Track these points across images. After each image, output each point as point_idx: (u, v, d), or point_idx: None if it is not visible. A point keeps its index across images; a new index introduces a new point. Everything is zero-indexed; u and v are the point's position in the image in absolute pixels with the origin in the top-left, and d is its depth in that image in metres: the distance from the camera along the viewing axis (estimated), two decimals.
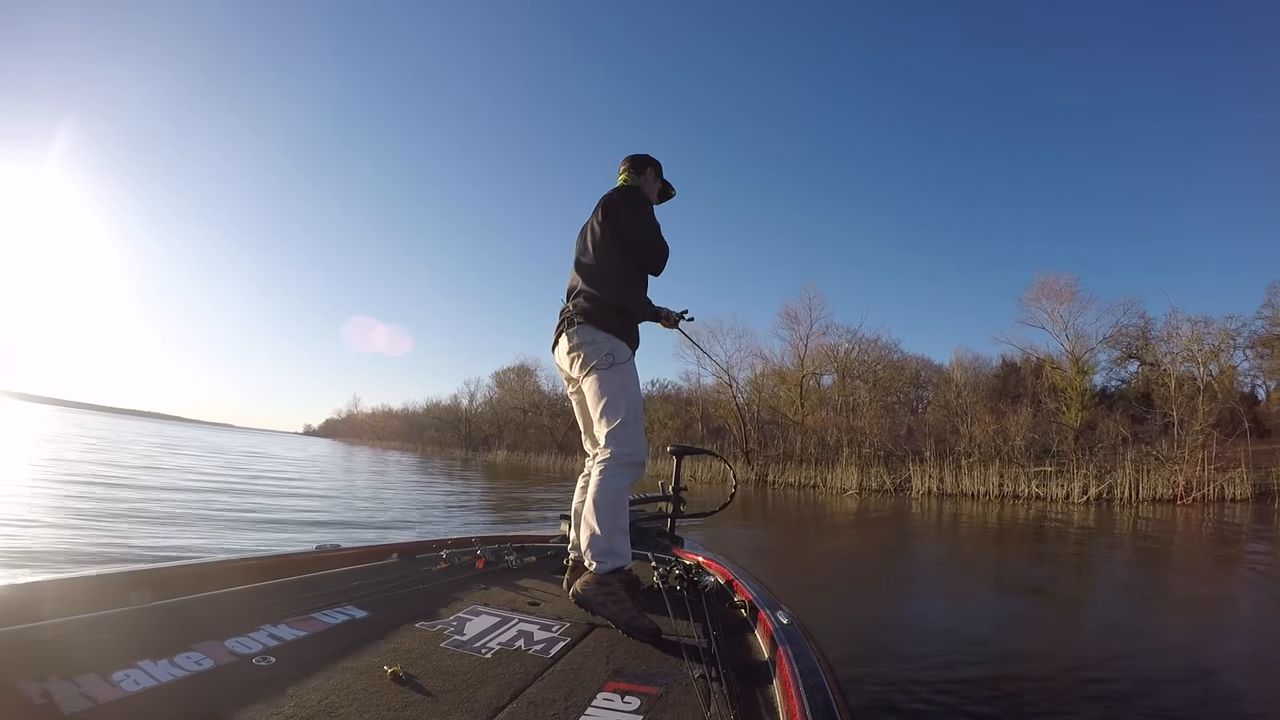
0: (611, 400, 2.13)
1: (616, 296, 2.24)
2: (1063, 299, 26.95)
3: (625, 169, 2.55)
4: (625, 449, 2.09)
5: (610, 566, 1.94)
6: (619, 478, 2.07)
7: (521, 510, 11.89)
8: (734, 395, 31.97)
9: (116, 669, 1.26)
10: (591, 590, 1.88)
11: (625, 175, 2.54)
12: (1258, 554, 9.16)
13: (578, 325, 2.19)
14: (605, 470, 2.07)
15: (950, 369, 31.47)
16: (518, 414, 48.11)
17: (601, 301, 2.21)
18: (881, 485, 22.62)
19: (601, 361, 2.15)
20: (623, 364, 2.18)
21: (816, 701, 1.22)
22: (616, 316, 2.22)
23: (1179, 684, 3.40)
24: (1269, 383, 26.81)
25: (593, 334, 2.17)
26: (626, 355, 2.20)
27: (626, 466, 2.09)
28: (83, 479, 9.85)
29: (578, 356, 2.19)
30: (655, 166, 2.58)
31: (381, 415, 79.67)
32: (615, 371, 2.16)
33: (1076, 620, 5.12)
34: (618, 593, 1.88)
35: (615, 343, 2.19)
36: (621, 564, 1.97)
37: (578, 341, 2.18)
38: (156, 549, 5.29)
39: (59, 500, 7.30)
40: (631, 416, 2.12)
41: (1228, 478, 17.28)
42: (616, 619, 1.84)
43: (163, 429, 54.53)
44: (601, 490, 2.03)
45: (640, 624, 1.83)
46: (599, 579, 1.91)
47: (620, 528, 2.02)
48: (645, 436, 2.20)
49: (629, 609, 1.85)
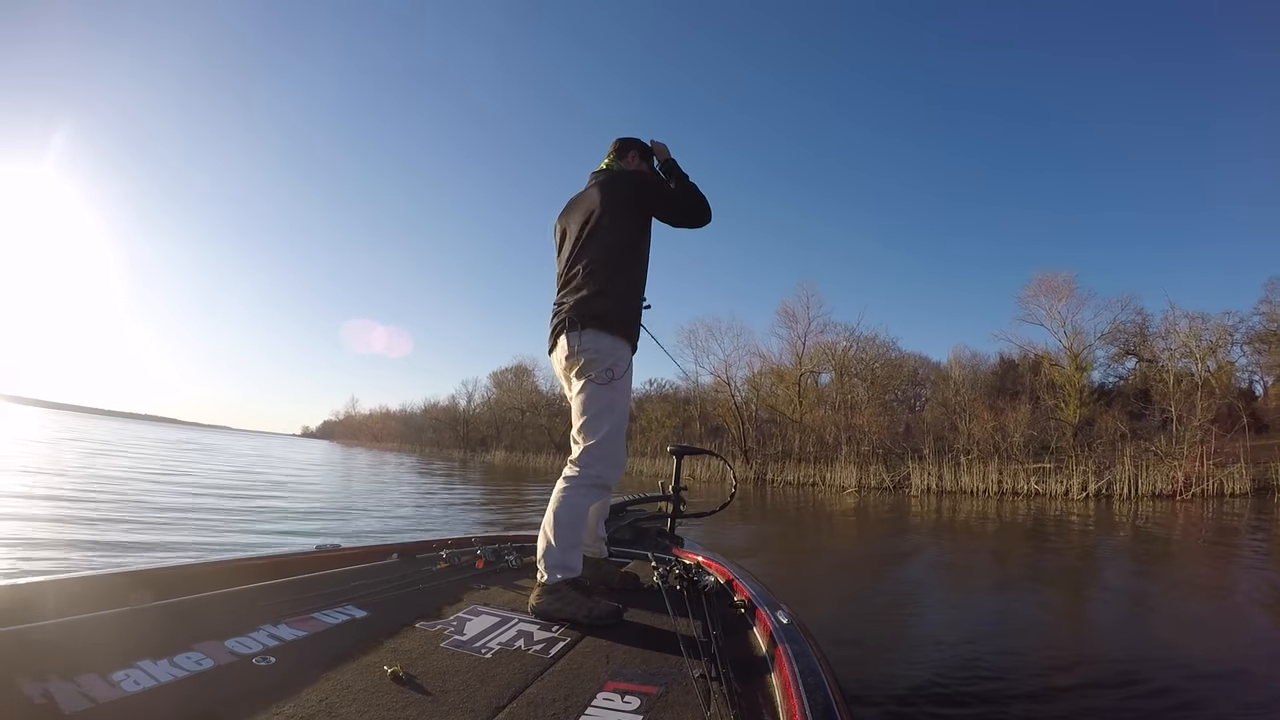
0: (594, 417, 2.06)
1: (628, 291, 2.16)
2: (1061, 296, 27.10)
3: (611, 152, 2.44)
4: (595, 470, 2.05)
5: (559, 579, 1.94)
6: (581, 496, 2.04)
7: (520, 509, 11.88)
8: (732, 394, 32.02)
9: (117, 669, 1.26)
10: (545, 601, 1.90)
11: (609, 160, 2.42)
12: (1257, 547, 9.19)
13: (582, 330, 2.07)
14: (569, 488, 2.03)
15: (948, 366, 31.57)
16: (515, 414, 48.16)
17: (610, 298, 2.10)
18: (880, 483, 22.65)
19: (600, 376, 2.07)
20: (619, 380, 2.09)
21: (816, 701, 1.22)
22: (625, 315, 2.14)
23: (1176, 681, 3.39)
24: (1267, 378, 26.94)
25: (596, 340, 2.07)
26: (626, 366, 2.12)
27: (592, 488, 2.06)
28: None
29: (576, 362, 2.09)
30: (640, 148, 2.44)
31: (379, 416, 79.82)
32: (609, 389, 2.08)
33: (1077, 617, 5.12)
34: (567, 594, 1.91)
35: (620, 351, 2.10)
36: (573, 576, 1.97)
37: (579, 347, 2.08)
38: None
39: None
40: (610, 437, 2.06)
41: (1227, 473, 17.31)
42: (575, 619, 1.86)
43: (163, 433, 54.38)
44: (562, 507, 2.01)
45: (600, 611, 1.87)
46: (549, 589, 1.92)
47: (575, 543, 2.00)
48: (623, 454, 2.13)
49: (582, 604, 1.89)
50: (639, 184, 2.23)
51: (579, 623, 1.85)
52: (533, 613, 1.91)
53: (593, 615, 1.86)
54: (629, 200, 2.19)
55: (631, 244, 2.20)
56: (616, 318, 2.12)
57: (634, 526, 3.21)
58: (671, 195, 2.23)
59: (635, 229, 2.20)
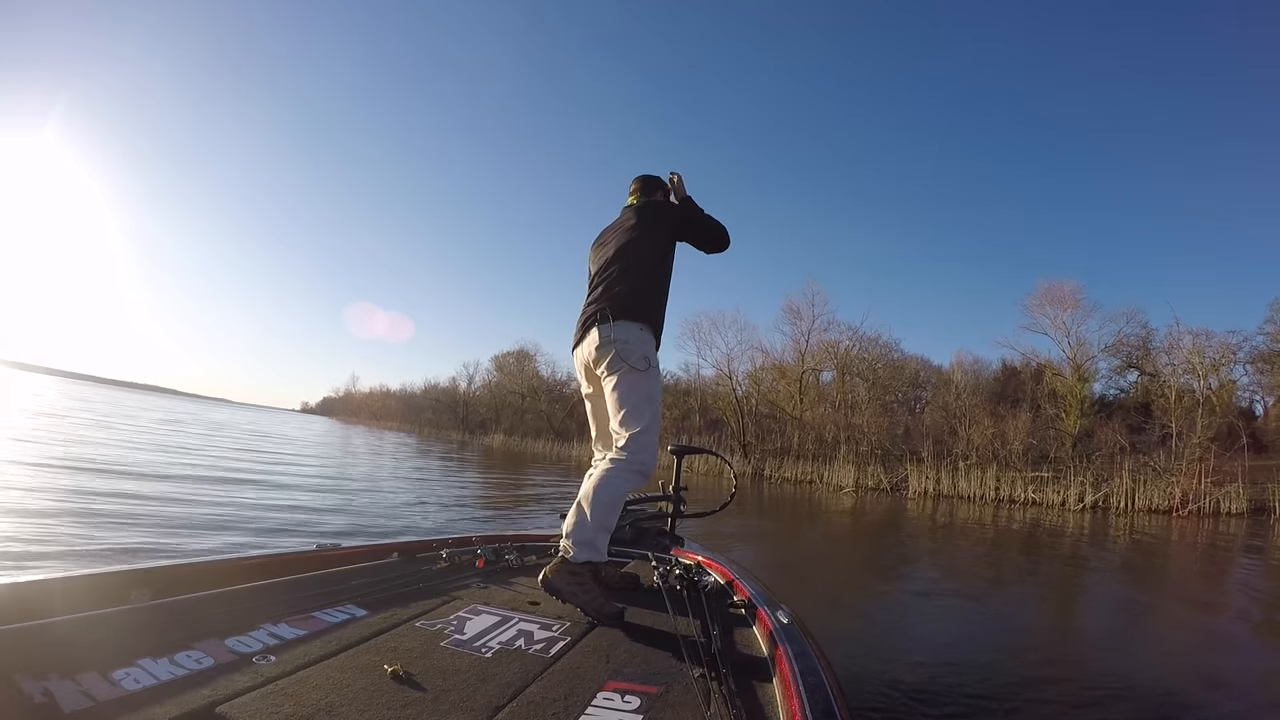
0: (637, 405, 2.11)
1: (655, 293, 2.25)
2: (1066, 305, 26.99)
3: (636, 189, 2.61)
4: (640, 456, 2.09)
5: (585, 559, 1.95)
6: (625, 481, 2.07)
7: (521, 505, 11.92)
8: (733, 387, 32.02)
9: (117, 667, 1.26)
10: (562, 578, 1.91)
11: (635, 196, 2.60)
12: (1252, 567, 9.21)
13: (614, 321, 2.14)
14: (614, 470, 2.07)
15: (950, 370, 31.53)
16: (516, 398, 48.25)
17: (643, 293, 2.20)
18: (878, 484, 22.68)
19: (637, 363, 2.12)
20: (654, 368, 2.16)
21: (816, 700, 1.22)
22: (653, 313, 2.23)
23: (1164, 692, 3.44)
24: (1268, 398, 26.82)
25: (627, 330, 2.14)
26: (655, 355, 2.19)
27: (636, 474, 2.09)
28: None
29: (608, 353, 2.13)
30: (665, 190, 2.61)
31: (379, 395, 80.00)
32: (647, 376, 2.13)
33: (1070, 624, 5.16)
34: (587, 583, 1.91)
35: (650, 344, 2.18)
36: (597, 560, 1.98)
37: (612, 337, 2.13)
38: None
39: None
40: (653, 425, 2.12)
41: (1224, 492, 17.28)
42: (586, 606, 1.87)
43: (164, 403, 54.58)
44: (604, 486, 2.03)
45: (607, 610, 1.88)
46: (571, 567, 1.93)
47: (607, 527, 2.03)
48: (657, 446, 2.18)
49: (597, 597, 1.90)
50: (684, 217, 2.43)
51: (584, 611, 1.86)
52: (542, 583, 1.92)
53: (600, 612, 1.87)
54: (669, 228, 2.38)
55: (660, 257, 2.32)
56: (645, 313, 2.20)
57: (634, 526, 3.21)
58: (706, 225, 2.44)
59: (664, 248, 2.35)
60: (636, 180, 2.63)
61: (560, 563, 1.95)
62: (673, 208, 2.48)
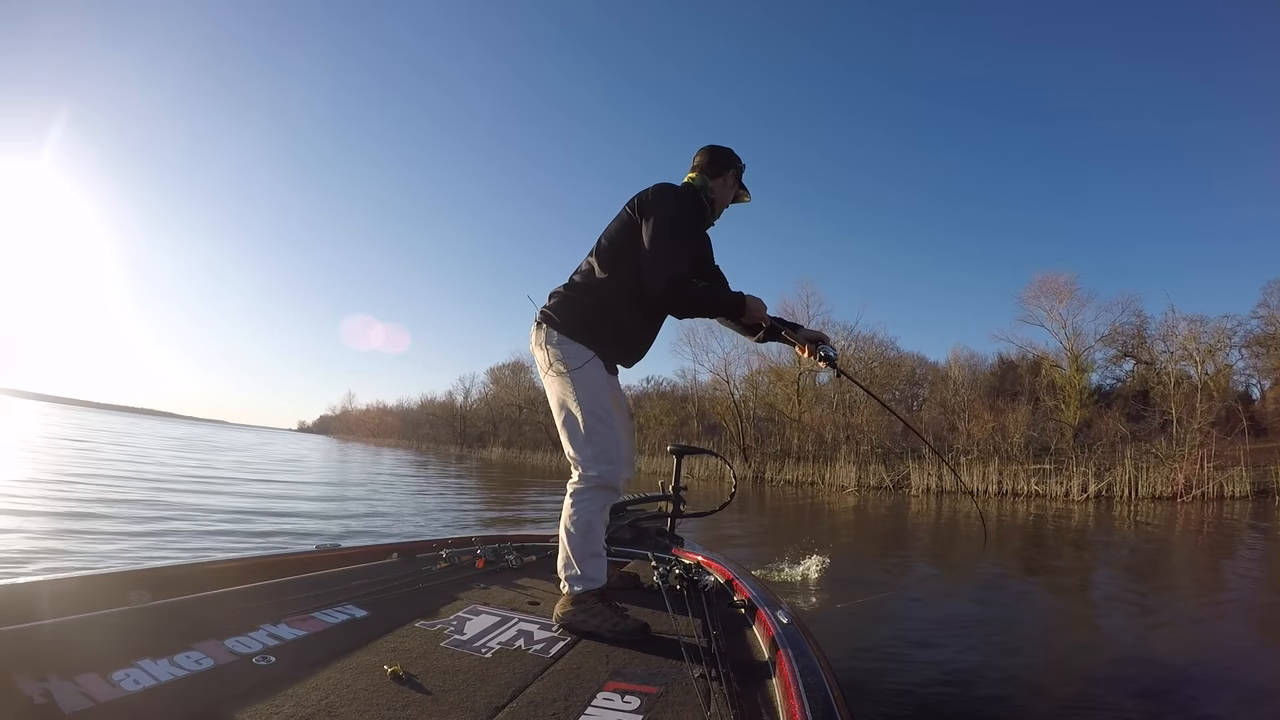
0: (568, 414, 1.95)
1: (604, 294, 2.00)
2: (1062, 297, 27.18)
3: (698, 163, 2.19)
4: (593, 471, 1.93)
5: (583, 589, 1.89)
6: (591, 502, 1.93)
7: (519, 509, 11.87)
8: (730, 392, 32.03)
9: (116, 668, 1.26)
10: (570, 615, 1.85)
11: (695, 174, 2.18)
12: (1257, 550, 9.22)
13: (537, 325, 2.03)
14: (573, 499, 1.94)
15: (947, 366, 31.59)
16: (513, 411, 48.19)
17: (577, 299, 2.01)
18: (880, 482, 22.68)
19: (554, 367, 1.97)
20: (578, 371, 1.94)
21: (816, 701, 1.22)
22: (590, 315, 1.98)
23: (1170, 682, 3.42)
24: (1263, 381, 26.96)
25: (547, 336, 1.99)
26: (581, 361, 1.95)
27: (598, 490, 1.94)
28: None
29: (536, 355, 2.03)
30: (738, 170, 2.22)
31: (376, 412, 79.86)
32: (567, 380, 1.94)
33: (1074, 618, 5.12)
34: (594, 606, 1.85)
35: (572, 346, 1.96)
36: (594, 587, 1.90)
37: (533, 343, 2.04)
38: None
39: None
40: (596, 428, 1.93)
41: (1227, 476, 17.32)
42: (601, 632, 1.80)
43: (163, 428, 54.40)
44: (573, 517, 1.92)
45: (626, 627, 1.82)
46: (574, 600, 1.87)
47: (592, 553, 1.92)
48: (618, 448, 1.97)
49: (610, 617, 1.83)
50: (647, 217, 2.00)
51: (603, 637, 1.79)
52: (556, 623, 1.85)
53: (618, 630, 1.80)
54: (645, 215, 2.01)
55: (623, 252, 2.03)
56: (587, 317, 1.98)
57: (634, 526, 3.21)
58: (650, 248, 1.96)
59: (631, 243, 2.02)
60: (704, 151, 2.22)
61: (566, 599, 1.90)
62: (647, 215, 2.02)
